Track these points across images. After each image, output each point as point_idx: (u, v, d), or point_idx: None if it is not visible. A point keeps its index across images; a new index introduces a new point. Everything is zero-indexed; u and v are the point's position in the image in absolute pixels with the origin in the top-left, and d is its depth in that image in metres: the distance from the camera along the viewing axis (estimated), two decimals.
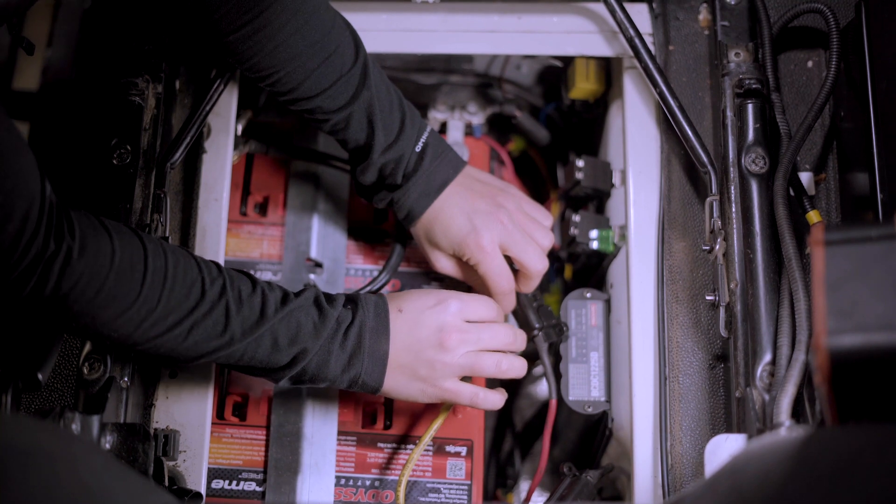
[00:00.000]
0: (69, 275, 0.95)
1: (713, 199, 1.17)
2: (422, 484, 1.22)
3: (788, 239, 1.08)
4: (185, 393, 1.19)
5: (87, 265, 0.97)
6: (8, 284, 0.94)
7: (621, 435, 1.23)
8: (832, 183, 1.21)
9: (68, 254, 0.95)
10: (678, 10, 1.29)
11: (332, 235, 1.34)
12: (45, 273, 0.94)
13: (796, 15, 1.22)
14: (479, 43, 1.32)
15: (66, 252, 0.95)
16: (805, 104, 1.24)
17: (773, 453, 0.80)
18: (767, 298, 1.09)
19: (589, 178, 1.33)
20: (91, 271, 0.97)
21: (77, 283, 0.96)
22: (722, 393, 1.16)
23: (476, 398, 1.16)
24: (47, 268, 0.94)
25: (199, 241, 1.24)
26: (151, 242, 1.03)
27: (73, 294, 0.97)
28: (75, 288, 0.96)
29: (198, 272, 1.04)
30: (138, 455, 1.05)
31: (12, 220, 0.90)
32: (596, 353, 1.27)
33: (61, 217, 0.96)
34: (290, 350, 1.07)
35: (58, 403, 1.15)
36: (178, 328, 1.03)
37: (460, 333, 1.13)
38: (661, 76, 1.22)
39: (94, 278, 0.97)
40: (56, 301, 0.96)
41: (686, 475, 1.13)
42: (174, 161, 1.21)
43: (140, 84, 1.22)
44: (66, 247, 0.95)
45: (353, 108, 1.15)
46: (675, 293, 1.20)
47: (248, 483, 1.22)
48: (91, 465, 0.80)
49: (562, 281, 1.47)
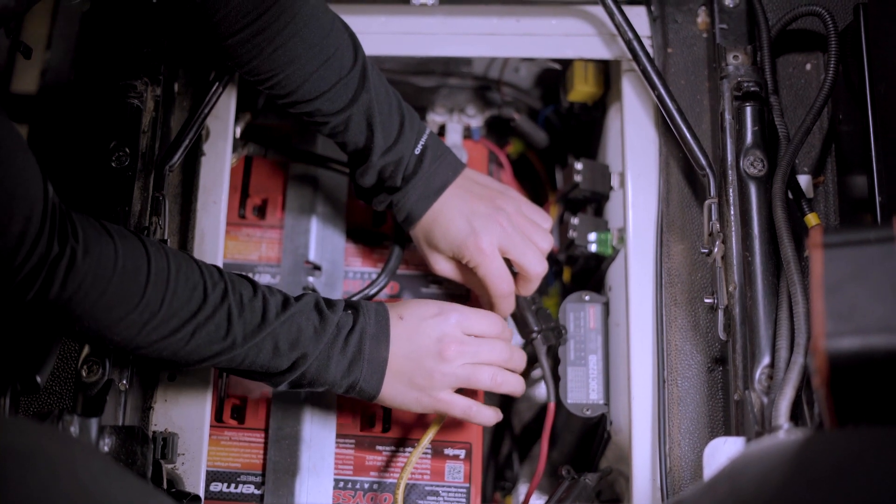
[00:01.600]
0: (73, 277, 0.95)
1: (711, 201, 1.17)
2: (420, 487, 1.22)
3: (787, 242, 1.08)
4: (184, 396, 1.19)
5: (91, 268, 0.96)
6: (13, 287, 0.93)
7: (620, 438, 1.23)
8: (831, 186, 1.21)
9: (72, 256, 0.95)
10: (676, 12, 1.30)
11: (331, 238, 1.34)
12: (50, 275, 0.94)
13: (795, 18, 1.22)
14: (477, 45, 1.32)
15: (70, 254, 0.95)
16: (803, 107, 1.24)
17: (771, 456, 0.80)
18: (766, 301, 1.09)
19: (587, 181, 1.33)
20: (95, 274, 0.97)
21: (81, 285, 0.96)
22: (720, 396, 1.16)
23: (469, 412, 1.16)
24: (52, 270, 0.94)
25: (198, 244, 1.24)
26: (153, 246, 1.03)
27: (77, 297, 0.96)
28: (79, 290, 0.96)
29: (200, 276, 1.04)
30: (137, 458, 1.05)
31: (15, 222, 0.90)
32: (594, 356, 1.27)
33: (64, 219, 0.96)
34: (290, 354, 1.07)
35: (56, 406, 1.15)
36: (180, 332, 1.02)
37: (459, 345, 1.13)
38: (659, 79, 1.22)
39: (98, 281, 0.97)
40: (60, 304, 0.96)
41: (685, 478, 1.13)
42: (173, 164, 1.21)
43: (139, 87, 1.22)
44: (70, 249, 0.95)
45: (352, 111, 1.15)
46: (674, 296, 1.20)
47: (247, 486, 1.22)
48: (90, 467, 0.80)
49: (560, 284, 1.47)
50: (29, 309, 0.97)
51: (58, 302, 0.96)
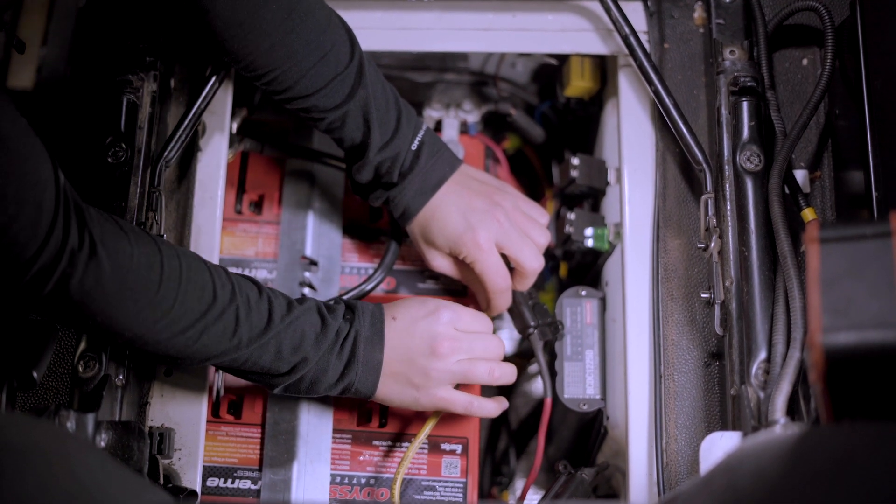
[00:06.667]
0: (93, 269, 0.94)
1: (708, 196, 1.17)
2: (417, 481, 1.22)
3: (783, 237, 1.08)
4: (181, 391, 1.19)
5: (109, 260, 0.95)
6: (28, 279, 0.92)
7: (616, 433, 1.23)
8: (827, 181, 1.21)
9: (92, 246, 0.94)
10: (673, 7, 1.29)
11: (328, 233, 1.34)
12: (70, 266, 0.92)
13: (791, 13, 1.22)
14: (474, 41, 1.32)
15: (90, 244, 0.94)
16: (800, 102, 1.24)
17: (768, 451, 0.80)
18: (762, 296, 1.09)
19: (584, 176, 1.33)
20: (113, 266, 0.96)
21: (101, 278, 0.95)
22: (717, 390, 1.16)
23: (471, 406, 1.16)
24: (72, 260, 0.92)
25: (195, 240, 1.24)
26: (164, 244, 1.03)
27: (97, 291, 0.95)
28: (99, 284, 0.95)
29: (209, 276, 1.04)
30: (133, 453, 1.05)
31: (25, 208, 0.88)
32: (591, 351, 1.27)
33: (80, 209, 0.95)
34: (292, 358, 1.08)
35: (53, 401, 1.15)
36: (190, 330, 1.02)
37: (452, 342, 1.13)
38: (656, 74, 1.22)
39: (116, 274, 0.96)
40: (78, 298, 0.95)
41: (681, 473, 1.13)
42: (169, 159, 1.20)
43: (135, 82, 1.22)
44: (89, 239, 0.94)
45: (348, 107, 1.15)
46: (671, 291, 1.20)
47: (244, 481, 1.22)
48: (86, 462, 0.80)
49: (557, 279, 1.47)
50: (45, 302, 0.96)
51: (76, 296, 0.95)
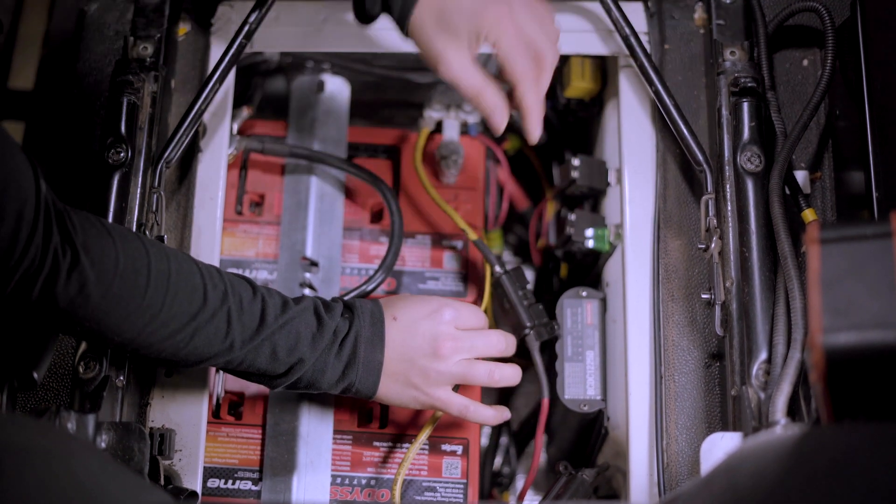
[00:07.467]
0: (77, 276, 0.95)
1: (709, 197, 1.17)
2: (418, 482, 1.22)
3: (784, 237, 1.08)
4: (181, 392, 1.19)
5: (93, 267, 0.96)
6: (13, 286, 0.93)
7: (617, 433, 1.23)
8: (827, 181, 1.21)
9: (75, 254, 0.95)
10: (674, 8, 1.30)
11: (328, 234, 1.34)
12: (54, 273, 0.93)
13: (792, 13, 1.22)
14: None
15: (72, 253, 0.94)
16: (800, 103, 1.24)
17: (768, 451, 0.80)
18: (763, 297, 1.09)
19: (584, 177, 1.33)
20: (97, 273, 0.96)
21: (84, 285, 0.96)
22: (718, 391, 1.16)
23: (466, 411, 1.16)
24: (55, 267, 0.93)
25: (195, 240, 1.24)
26: (154, 246, 1.03)
27: (81, 297, 0.96)
28: (83, 290, 0.96)
29: (200, 278, 1.04)
30: (134, 454, 1.05)
31: (5, 220, 0.89)
32: (592, 352, 1.27)
33: (62, 217, 0.95)
34: (287, 359, 1.07)
35: (53, 402, 1.15)
36: (180, 334, 1.02)
37: (454, 341, 1.13)
38: (656, 75, 1.22)
39: (101, 280, 0.97)
40: (63, 304, 0.96)
41: (682, 474, 1.13)
42: (170, 160, 1.20)
43: (135, 83, 1.22)
44: (70, 247, 0.95)
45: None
46: (671, 292, 1.20)
47: (244, 482, 1.22)
48: (87, 463, 0.80)
49: (558, 280, 1.47)
50: (33, 310, 0.96)
51: (62, 303, 0.95)
